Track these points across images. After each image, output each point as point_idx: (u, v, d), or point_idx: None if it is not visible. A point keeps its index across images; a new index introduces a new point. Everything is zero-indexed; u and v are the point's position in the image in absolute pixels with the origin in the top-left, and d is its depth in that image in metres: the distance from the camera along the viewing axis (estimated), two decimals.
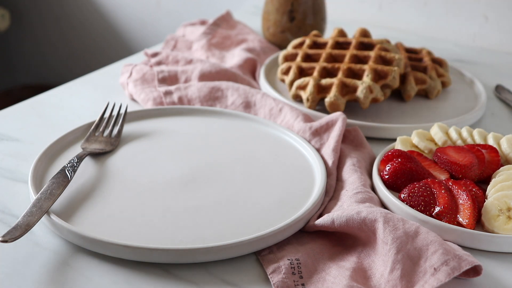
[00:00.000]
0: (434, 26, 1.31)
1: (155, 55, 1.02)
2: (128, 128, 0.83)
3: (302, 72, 0.93)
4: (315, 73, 0.90)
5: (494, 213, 0.66)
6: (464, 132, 0.80)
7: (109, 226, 0.64)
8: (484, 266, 0.61)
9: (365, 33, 0.97)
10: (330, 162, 0.76)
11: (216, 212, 0.67)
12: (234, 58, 1.05)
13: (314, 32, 1.00)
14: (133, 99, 0.94)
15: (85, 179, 0.72)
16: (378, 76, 0.88)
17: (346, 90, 0.88)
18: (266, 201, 0.69)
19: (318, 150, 0.79)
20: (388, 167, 0.73)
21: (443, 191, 0.68)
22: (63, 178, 0.68)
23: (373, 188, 0.74)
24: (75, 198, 0.68)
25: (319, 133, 0.81)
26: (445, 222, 0.66)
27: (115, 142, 0.78)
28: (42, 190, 0.65)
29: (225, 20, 1.18)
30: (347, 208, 0.66)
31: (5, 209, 0.68)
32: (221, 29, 1.15)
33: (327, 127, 0.81)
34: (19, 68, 2.12)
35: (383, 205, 0.71)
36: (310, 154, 0.78)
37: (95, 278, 0.59)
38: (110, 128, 0.80)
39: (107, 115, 0.83)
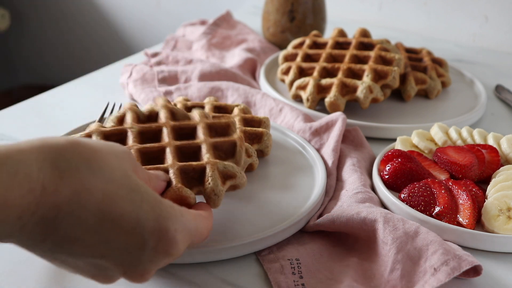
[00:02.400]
0: (434, 26, 1.31)
1: (155, 55, 1.02)
2: None
3: (302, 72, 0.93)
4: (315, 73, 0.90)
5: (494, 213, 0.66)
6: (464, 132, 0.80)
7: None
8: (484, 266, 0.61)
9: (365, 33, 0.97)
10: (330, 162, 0.76)
11: (216, 212, 0.67)
12: (234, 58, 1.05)
13: (314, 32, 1.00)
14: (133, 99, 0.94)
15: None
16: (378, 76, 0.88)
17: (346, 90, 0.88)
18: (266, 201, 0.69)
19: (318, 150, 0.79)
20: (388, 167, 0.73)
21: (443, 191, 0.68)
22: None
23: (373, 188, 0.74)
24: None
25: (319, 133, 0.81)
26: (445, 222, 0.66)
27: None
28: None
29: (225, 20, 1.18)
30: (347, 208, 0.66)
31: None
32: (221, 29, 1.15)
33: (327, 127, 0.81)
34: (19, 68, 2.12)
35: (383, 205, 0.71)
36: (310, 154, 0.78)
37: None
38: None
39: (107, 115, 0.83)
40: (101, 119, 0.81)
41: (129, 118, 0.65)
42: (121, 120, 0.66)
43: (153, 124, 0.65)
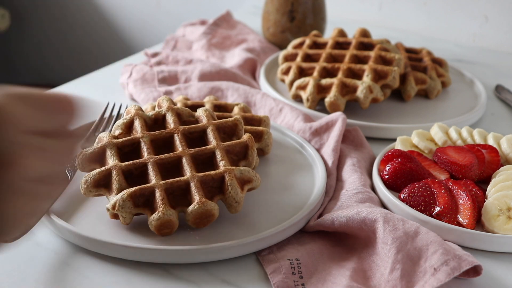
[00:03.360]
0: (434, 26, 1.31)
1: (155, 55, 1.02)
2: None
3: (302, 72, 0.93)
4: (315, 73, 0.90)
5: (494, 213, 0.66)
6: (464, 132, 0.80)
7: (109, 226, 0.64)
8: (484, 266, 0.61)
9: (365, 33, 0.97)
10: (330, 162, 0.76)
11: None
12: (234, 58, 1.05)
13: (314, 32, 1.00)
14: (133, 99, 0.94)
15: None
16: (378, 76, 0.88)
17: (346, 90, 0.88)
18: (266, 201, 0.69)
19: (318, 150, 0.79)
20: (388, 167, 0.73)
21: (443, 191, 0.68)
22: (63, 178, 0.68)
23: (373, 188, 0.74)
24: (75, 198, 0.68)
25: (319, 133, 0.81)
26: (445, 222, 0.66)
27: None
28: None
29: (225, 20, 1.18)
30: (347, 208, 0.66)
31: None
32: (221, 29, 1.15)
33: (327, 127, 0.81)
34: (19, 68, 2.12)
35: (383, 205, 0.71)
36: (310, 154, 0.78)
37: (95, 278, 0.59)
38: (110, 128, 0.80)
39: (107, 115, 0.83)
40: (101, 119, 0.81)
41: (138, 125, 0.67)
42: (128, 126, 0.68)
43: (164, 131, 0.67)
